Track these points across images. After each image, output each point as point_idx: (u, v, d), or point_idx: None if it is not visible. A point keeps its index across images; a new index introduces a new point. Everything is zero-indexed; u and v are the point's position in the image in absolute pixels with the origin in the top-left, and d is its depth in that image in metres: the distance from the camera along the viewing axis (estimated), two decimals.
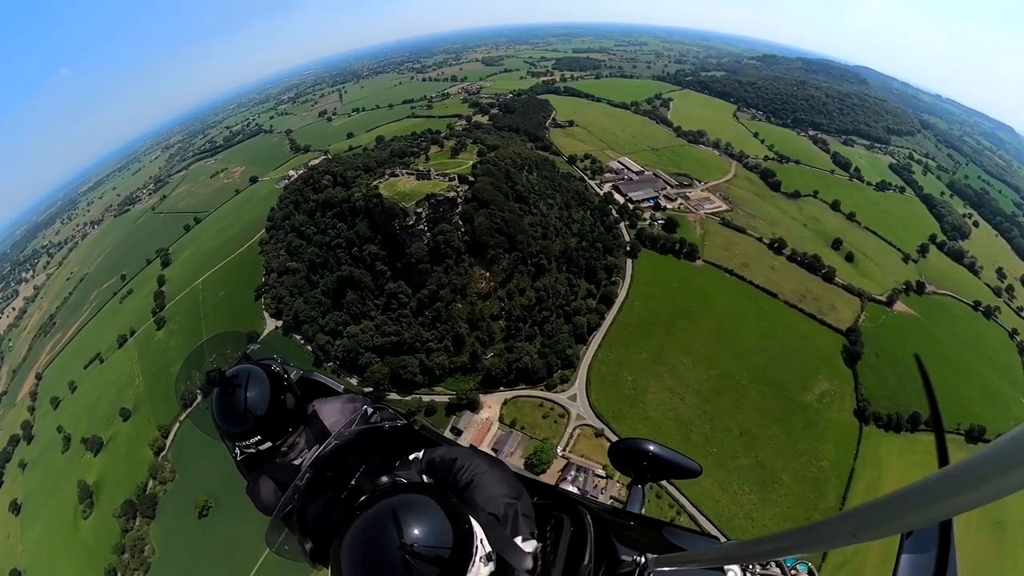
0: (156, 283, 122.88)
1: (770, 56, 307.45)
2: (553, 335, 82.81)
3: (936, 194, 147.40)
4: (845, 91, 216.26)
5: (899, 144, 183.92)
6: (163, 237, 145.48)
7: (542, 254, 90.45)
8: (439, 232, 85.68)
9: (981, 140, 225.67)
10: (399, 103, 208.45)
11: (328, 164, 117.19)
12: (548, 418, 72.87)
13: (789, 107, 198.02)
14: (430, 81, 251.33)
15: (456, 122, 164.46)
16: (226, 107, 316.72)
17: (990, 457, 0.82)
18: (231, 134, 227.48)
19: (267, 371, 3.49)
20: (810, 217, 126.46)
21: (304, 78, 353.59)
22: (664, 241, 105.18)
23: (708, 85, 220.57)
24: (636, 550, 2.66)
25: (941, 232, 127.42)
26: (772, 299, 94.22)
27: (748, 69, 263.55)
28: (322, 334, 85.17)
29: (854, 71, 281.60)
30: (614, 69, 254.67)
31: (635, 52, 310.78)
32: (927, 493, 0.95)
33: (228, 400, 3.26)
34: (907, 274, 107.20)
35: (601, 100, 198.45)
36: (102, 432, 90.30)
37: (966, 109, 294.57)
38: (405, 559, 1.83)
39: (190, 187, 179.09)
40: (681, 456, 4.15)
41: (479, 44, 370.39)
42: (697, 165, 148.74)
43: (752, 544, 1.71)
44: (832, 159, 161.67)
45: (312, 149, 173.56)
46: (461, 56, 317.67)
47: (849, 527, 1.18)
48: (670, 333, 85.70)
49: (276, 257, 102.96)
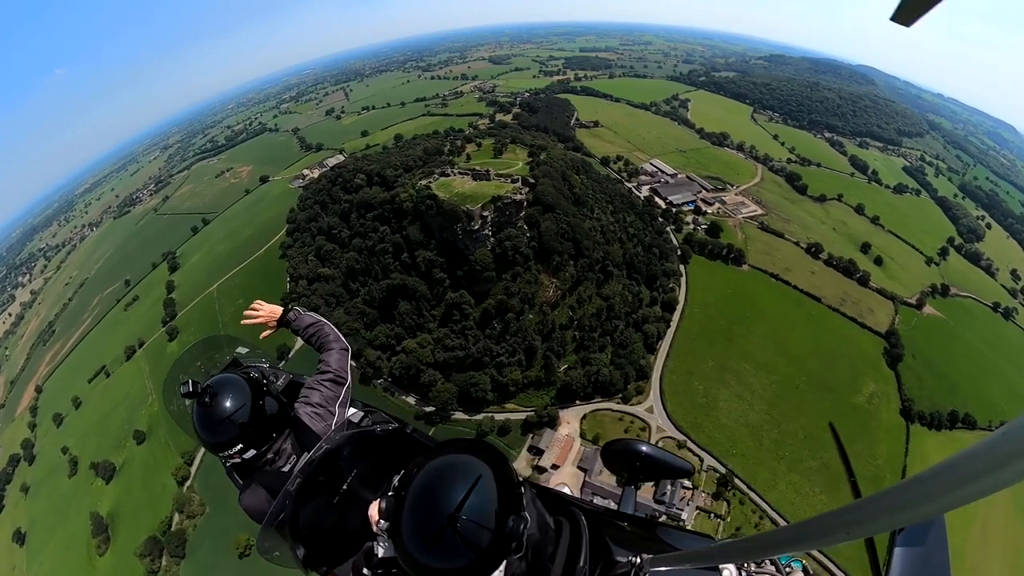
0: (164, 289, 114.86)
1: (777, 56, 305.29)
2: (626, 345, 79.26)
3: (949, 196, 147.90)
4: (857, 92, 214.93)
5: (910, 146, 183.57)
6: (168, 239, 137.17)
7: (607, 260, 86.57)
8: (506, 237, 79.68)
9: (985, 140, 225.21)
10: (411, 101, 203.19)
11: (358, 162, 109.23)
12: (629, 432, 69.48)
13: (804, 109, 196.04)
14: (439, 79, 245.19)
15: (478, 120, 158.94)
16: (224, 107, 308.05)
17: (980, 454, 0.84)
18: (233, 133, 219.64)
19: (247, 378, 3.39)
20: (837, 221, 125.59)
21: (303, 77, 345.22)
22: (712, 246, 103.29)
23: (723, 86, 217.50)
24: (631, 550, 2.67)
25: (957, 235, 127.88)
26: (816, 303, 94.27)
27: (757, 69, 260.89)
28: (371, 348, 77.71)
29: (858, 71, 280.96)
30: (626, 68, 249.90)
31: (642, 51, 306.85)
32: (920, 490, 0.95)
33: (205, 411, 3.17)
34: (931, 277, 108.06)
35: (620, 100, 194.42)
36: (113, 456, 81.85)
37: (967, 108, 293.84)
38: (454, 528, 1.84)
39: (194, 187, 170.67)
40: (673, 456, 4.06)
41: (481, 43, 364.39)
42: (726, 168, 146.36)
43: (746, 542, 1.72)
44: (850, 162, 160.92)
45: (325, 147, 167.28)
46: (466, 55, 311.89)
47: (842, 524, 1.19)
48: (730, 340, 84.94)
49: (303, 263, 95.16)
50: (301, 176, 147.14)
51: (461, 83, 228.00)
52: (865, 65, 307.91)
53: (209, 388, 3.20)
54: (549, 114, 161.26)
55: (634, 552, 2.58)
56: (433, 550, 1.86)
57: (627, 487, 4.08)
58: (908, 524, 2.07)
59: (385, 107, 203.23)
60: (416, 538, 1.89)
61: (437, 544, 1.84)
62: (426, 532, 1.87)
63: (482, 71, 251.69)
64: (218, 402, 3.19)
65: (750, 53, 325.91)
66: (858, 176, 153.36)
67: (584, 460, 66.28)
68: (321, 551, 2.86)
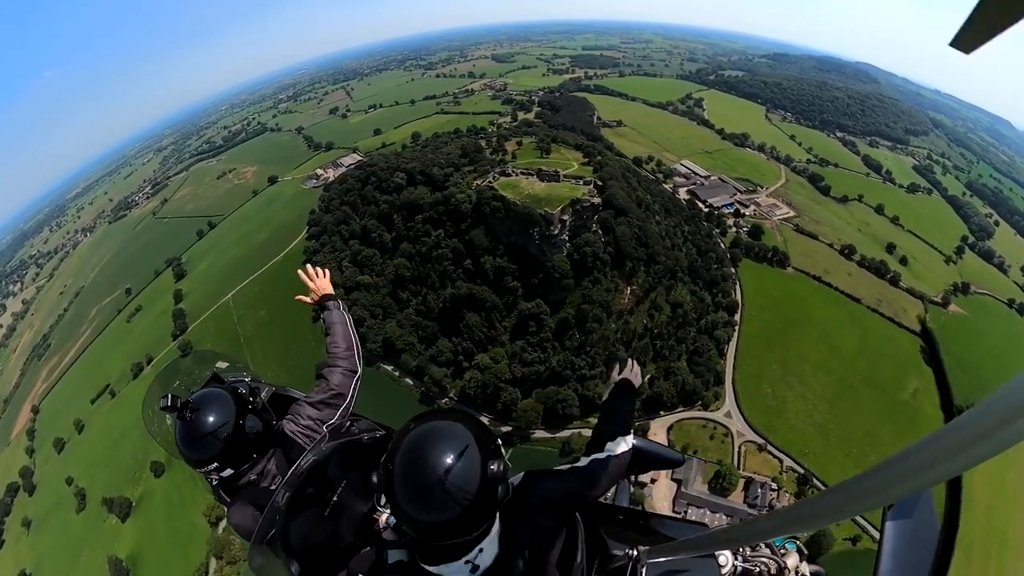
0: (172, 298, 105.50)
1: (781, 55, 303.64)
2: (701, 352, 77.47)
3: (958, 194, 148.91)
4: (864, 92, 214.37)
5: (917, 144, 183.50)
6: (171, 245, 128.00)
7: (677, 266, 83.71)
8: (584, 242, 74.58)
9: (984, 136, 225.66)
10: (420, 99, 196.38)
11: (392, 160, 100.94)
12: (715, 439, 70.11)
13: (816, 108, 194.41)
14: (444, 78, 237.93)
15: (499, 119, 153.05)
16: (218, 108, 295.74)
17: (964, 426, 0.85)
18: (230, 134, 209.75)
19: (231, 392, 3.32)
20: (861, 222, 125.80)
21: (298, 77, 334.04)
22: (759, 249, 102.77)
23: (734, 85, 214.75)
24: (627, 544, 2.72)
25: (970, 233, 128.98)
26: (856, 304, 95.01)
27: (762, 68, 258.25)
28: (434, 365, 70.87)
29: (857, 68, 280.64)
30: (634, 67, 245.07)
31: (644, 49, 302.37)
32: (908, 465, 0.98)
33: (186, 426, 3.12)
34: (951, 275, 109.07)
35: (636, 99, 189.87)
36: (128, 490, 72.90)
37: (964, 104, 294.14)
38: (441, 488, 1.93)
39: (194, 189, 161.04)
40: (664, 448, 3.99)
41: (480, 42, 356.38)
42: (752, 170, 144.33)
43: (741, 527, 1.73)
44: (864, 161, 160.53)
45: (336, 147, 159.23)
46: (467, 53, 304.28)
47: (835, 504, 1.20)
48: (787, 342, 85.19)
49: (336, 270, 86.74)
50: (315, 176, 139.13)
51: (469, 81, 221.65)
52: (863, 62, 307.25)
53: (190, 403, 3.09)
54: (572, 113, 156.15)
55: (630, 545, 2.62)
56: (429, 507, 1.94)
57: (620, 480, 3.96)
58: (900, 499, 2.11)
59: (393, 105, 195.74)
60: (412, 501, 1.96)
61: (431, 501, 1.92)
62: (419, 493, 1.94)
63: (488, 69, 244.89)
64: (199, 417, 3.08)
65: (750, 51, 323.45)
66: (873, 176, 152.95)
67: (678, 471, 63.43)
68: (316, 565, 2.70)
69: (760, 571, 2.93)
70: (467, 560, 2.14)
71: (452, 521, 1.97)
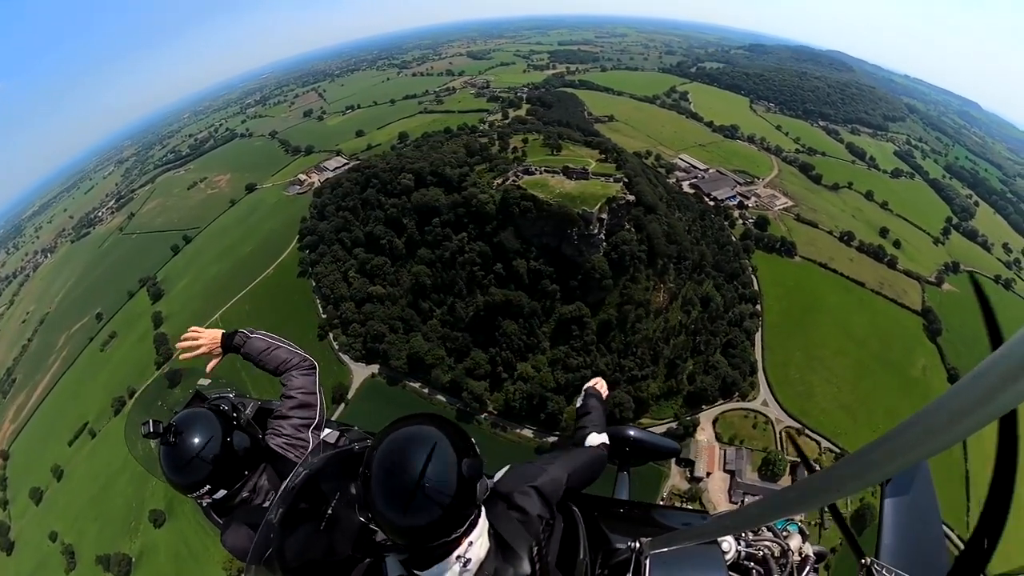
0: (151, 322, 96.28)
1: (757, 46, 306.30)
2: (734, 344, 78.41)
3: (939, 177, 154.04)
4: (842, 80, 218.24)
5: (895, 130, 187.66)
6: (143, 262, 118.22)
7: (703, 260, 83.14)
8: (621, 241, 71.84)
9: (956, 119, 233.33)
10: (400, 99, 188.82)
11: (397, 161, 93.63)
12: (757, 427, 71.44)
13: (798, 98, 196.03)
14: (421, 76, 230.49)
15: (488, 116, 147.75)
16: (179, 116, 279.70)
17: (955, 398, 0.86)
18: (197, 142, 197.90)
19: (215, 411, 3.20)
20: (854, 208, 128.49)
21: (263, 81, 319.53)
22: (768, 240, 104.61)
23: (716, 78, 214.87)
24: (629, 536, 2.72)
25: (953, 214, 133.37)
26: (861, 288, 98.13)
27: (740, 59, 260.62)
28: (471, 379, 66.02)
29: (830, 56, 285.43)
30: (613, 61, 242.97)
31: (620, 43, 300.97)
32: (902, 440, 0.99)
33: (171, 450, 3.00)
34: (940, 256, 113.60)
35: (623, 94, 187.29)
36: (124, 545, 64.32)
37: (934, 88, 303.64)
38: (420, 491, 1.96)
39: (163, 201, 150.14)
40: (659, 438, 4.21)
41: (452, 39, 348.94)
42: (747, 161, 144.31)
43: (741, 513, 1.75)
44: (848, 149, 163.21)
45: (316, 150, 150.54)
46: (440, 51, 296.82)
47: (832, 483, 1.21)
48: (806, 329, 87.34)
49: (342, 281, 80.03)
50: (297, 182, 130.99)
51: (448, 79, 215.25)
52: (835, 51, 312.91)
53: (173, 426, 2.95)
54: (564, 108, 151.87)
55: (632, 537, 2.62)
56: (410, 511, 1.95)
57: (619, 473, 4.09)
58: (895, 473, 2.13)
59: (372, 106, 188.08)
60: (392, 507, 1.97)
61: (411, 505, 1.94)
62: (398, 498, 1.96)
63: (465, 67, 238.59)
64: (184, 440, 2.96)
65: (725, 43, 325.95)
66: (859, 163, 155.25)
67: (729, 462, 66.53)
68: None
69: (764, 554, 2.89)
70: (458, 556, 2.14)
71: (435, 523, 1.98)
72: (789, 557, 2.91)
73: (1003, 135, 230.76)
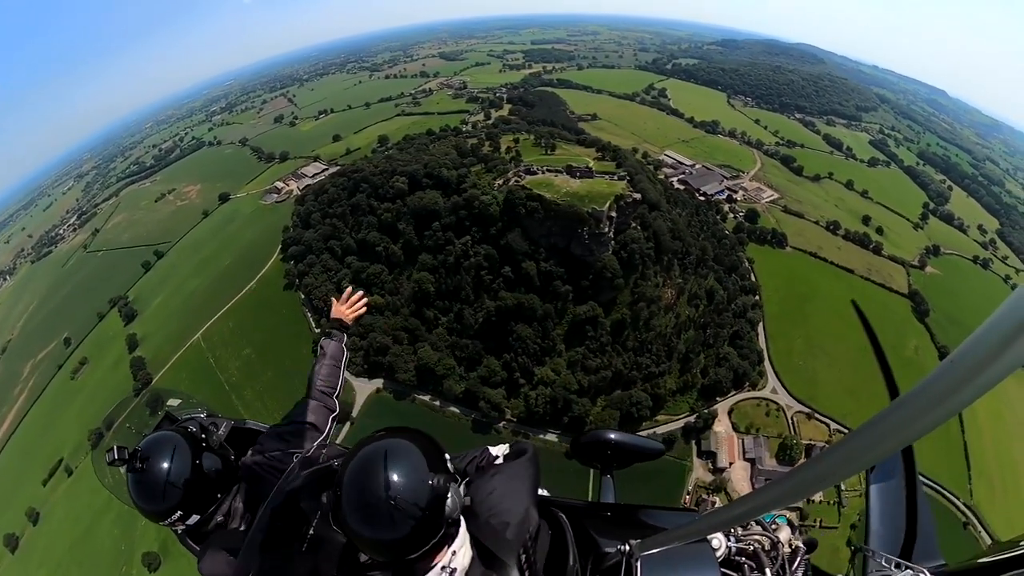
0: (125, 345, 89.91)
1: (729, 40, 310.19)
2: (741, 335, 79.64)
3: (913, 164, 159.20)
4: (815, 73, 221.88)
5: (869, 120, 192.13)
6: (112, 281, 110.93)
7: (705, 255, 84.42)
8: (630, 239, 70.76)
9: (925, 107, 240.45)
10: (376, 102, 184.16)
11: (387, 164, 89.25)
12: (770, 415, 72.91)
13: (774, 92, 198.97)
14: (395, 79, 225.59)
15: (469, 117, 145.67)
16: (141, 126, 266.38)
17: (934, 384, 0.88)
18: (162, 152, 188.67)
19: (183, 434, 3.11)
20: (836, 198, 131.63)
21: (227, 88, 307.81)
22: (759, 232, 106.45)
23: (693, 74, 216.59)
24: (618, 539, 2.69)
25: (929, 199, 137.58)
26: (850, 275, 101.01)
27: (714, 55, 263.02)
28: (487, 387, 63.40)
29: (800, 49, 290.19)
30: (589, 59, 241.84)
31: (594, 41, 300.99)
32: (883, 427, 1.01)
33: (139, 477, 2.91)
34: (921, 240, 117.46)
35: (602, 92, 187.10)
36: None
37: (902, 78, 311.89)
38: (389, 506, 1.96)
39: (130, 215, 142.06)
40: (641, 439, 4.16)
41: (422, 41, 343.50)
42: (730, 156, 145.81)
43: (729, 509, 1.78)
44: (825, 140, 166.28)
45: (292, 156, 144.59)
46: (411, 52, 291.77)
47: (818, 475, 1.24)
48: (805, 317, 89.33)
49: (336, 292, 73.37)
50: (275, 190, 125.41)
51: (423, 81, 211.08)
52: (804, 43, 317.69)
53: (139, 451, 2.87)
54: (547, 108, 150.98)
55: (621, 540, 2.60)
56: (381, 526, 1.96)
57: (604, 477, 4.07)
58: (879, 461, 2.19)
59: (346, 110, 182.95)
60: (363, 523, 1.97)
61: (382, 520, 1.95)
62: (368, 514, 1.96)
63: (439, 68, 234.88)
64: (152, 465, 2.87)
65: (696, 38, 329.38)
66: (837, 154, 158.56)
67: (748, 451, 67.60)
68: None
69: (754, 549, 2.86)
70: (443, 567, 2.14)
71: (407, 537, 1.98)
72: (780, 550, 2.85)
73: (970, 121, 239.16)
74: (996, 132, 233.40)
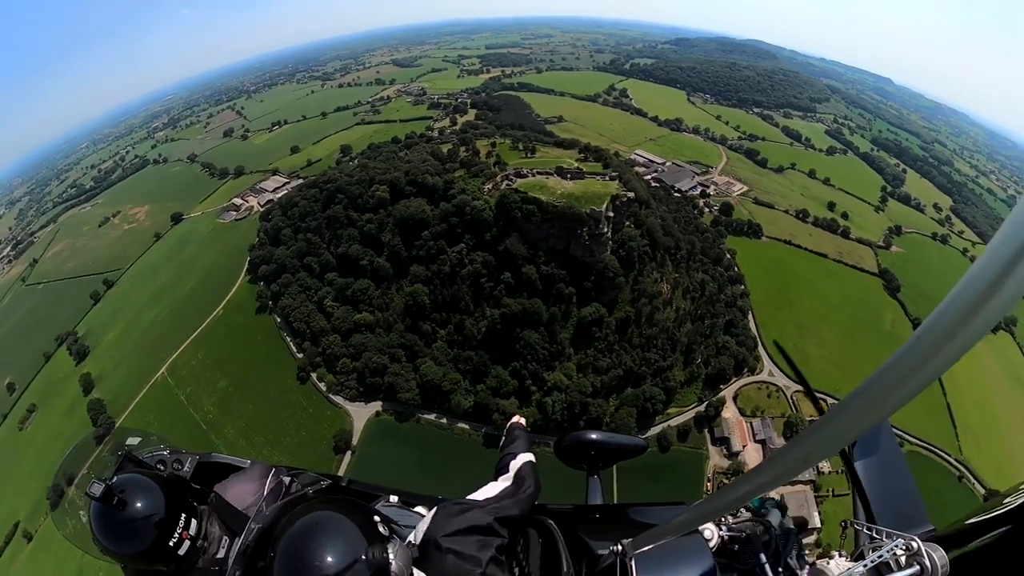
0: (80, 387, 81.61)
1: (683, 39, 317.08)
2: (735, 323, 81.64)
3: (868, 151, 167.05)
4: (769, 68, 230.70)
5: (823, 111, 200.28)
6: (57, 316, 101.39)
7: (694, 249, 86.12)
8: (627, 238, 71.46)
9: (873, 95, 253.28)
10: (332, 111, 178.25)
11: (364, 173, 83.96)
12: (771, 397, 75.08)
13: (732, 88, 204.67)
14: (348, 87, 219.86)
15: (434, 123, 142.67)
16: (76, 146, 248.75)
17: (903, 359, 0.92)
18: (102, 173, 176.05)
19: (154, 478, 2.94)
20: (801, 187, 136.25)
21: (167, 103, 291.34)
22: (736, 224, 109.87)
23: (651, 73, 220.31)
24: (610, 540, 2.68)
25: (886, 183, 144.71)
26: (824, 259, 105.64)
27: (668, 54, 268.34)
28: (499, 398, 61.22)
29: (751, 45, 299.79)
30: (547, 62, 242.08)
31: (549, 44, 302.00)
32: (859, 404, 1.05)
33: (110, 515, 2.71)
34: (883, 222, 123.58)
35: (564, 94, 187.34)
36: None
37: (848, 68, 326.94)
38: None
39: (71, 243, 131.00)
40: (624, 437, 4.09)
41: (372, 48, 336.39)
42: (697, 152, 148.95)
43: (717, 498, 1.79)
44: (784, 132, 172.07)
45: (249, 171, 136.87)
46: (362, 60, 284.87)
47: (800, 456, 1.26)
48: (790, 302, 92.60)
49: (318, 312, 70.63)
50: (233, 207, 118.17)
51: (380, 88, 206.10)
52: (753, 39, 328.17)
53: (112, 486, 2.67)
54: (513, 112, 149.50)
55: (613, 541, 2.60)
56: None
57: (590, 478, 4.05)
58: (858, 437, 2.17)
59: (301, 120, 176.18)
60: None
61: None
62: None
63: (395, 75, 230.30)
64: (128, 503, 2.70)
65: (648, 38, 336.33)
66: (796, 145, 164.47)
67: (758, 433, 69.31)
68: None
69: (746, 535, 2.91)
70: None
71: None
72: (772, 533, 2.87)
73: (916, 105, 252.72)
74: (940, 115, 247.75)
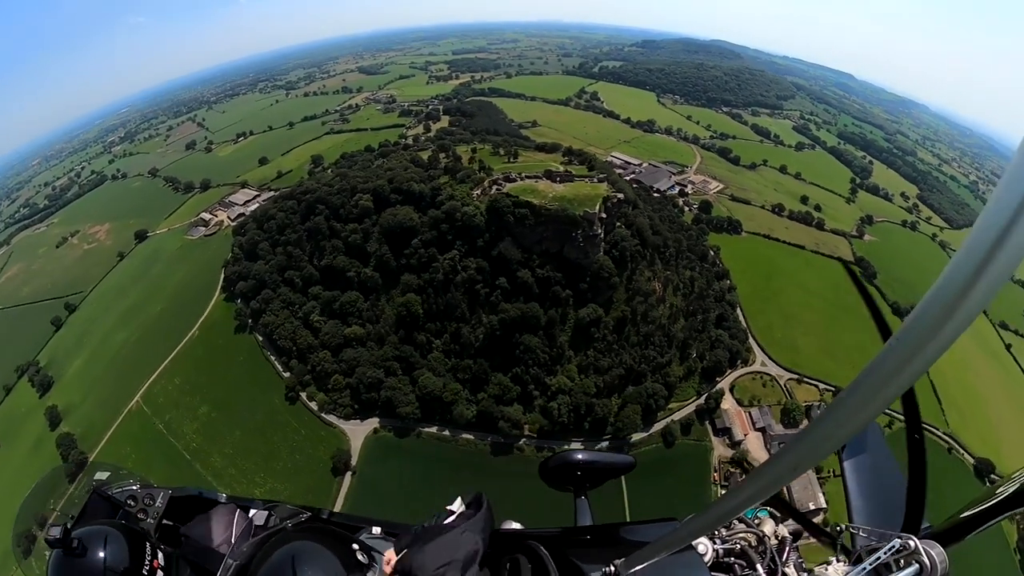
0: (46, 421, 76.76)
1: (649, 42, 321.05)
2: (726, 317, 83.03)
3: (835, 145, 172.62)
4: (735, 68, 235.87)
5: (789, 108, 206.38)
6: (15, 346, 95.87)
7: (681, 247, 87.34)
8: (620, 238, 71.93)
9: (836, 91, 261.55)
10: (299, 121, 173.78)
11: (345, 182, 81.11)
12: (767, 386, 76.97)
13: (700, 88, 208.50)
14: (314, 96, 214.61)
15: (408, 131, 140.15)
16: (27, 163, 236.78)
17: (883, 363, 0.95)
18: (56, 191, 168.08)
19: (120, 528, 2.92)
20: (774, 182, 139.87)
21: (123, 116, 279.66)
22: (716, 221, 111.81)
23: (621, 76, 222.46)
24: (602, 562, 2.62)
25: (855, 175, 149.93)
26: (802, 251, 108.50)
27: (636, 56, 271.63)
28: (503, 405, 60.47)
29: (715, 45, 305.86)
30: (515, 67, 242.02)
31: (516, 49, 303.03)
32: (844, 409, 1.06)
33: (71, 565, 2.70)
34: (855, 212, 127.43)
35: (536, 99, 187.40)
36: None
37: (810, 65, 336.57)
38: None
39: (26, 265, 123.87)
40: (610, 455, 4.09)
41: (336, 56, 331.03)
42: (671, 152, 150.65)
43: (708, 513, 1.78)
44: (753, 130, 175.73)
45: (215, 184, 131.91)
46: (327, 68, 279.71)
47: (789, 464, 1.27)
48: (775, 293, 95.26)
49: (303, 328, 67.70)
50: (202, 222, 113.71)
51: (347, 97, 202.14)
52: (718, 40, 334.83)
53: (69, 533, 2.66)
54: (486, 117, 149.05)
55: (605, 562, 2.54)
56: None
57: (577, 499, 3.90)
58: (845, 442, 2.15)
59: (267, 131, 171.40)
60: None
61: None
62: None
63: (361, 82, 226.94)
64: (90, 552, 2.67)
65: (615, 41, 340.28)
66: (766, 142, 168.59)
67: (757, 421, 71.09)
68: None
69: (742, 547, 2.88)
70: None
71: None
72: (767, 543, 2.86)
73: (878, 99, 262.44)
74: (902, 107, 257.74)
